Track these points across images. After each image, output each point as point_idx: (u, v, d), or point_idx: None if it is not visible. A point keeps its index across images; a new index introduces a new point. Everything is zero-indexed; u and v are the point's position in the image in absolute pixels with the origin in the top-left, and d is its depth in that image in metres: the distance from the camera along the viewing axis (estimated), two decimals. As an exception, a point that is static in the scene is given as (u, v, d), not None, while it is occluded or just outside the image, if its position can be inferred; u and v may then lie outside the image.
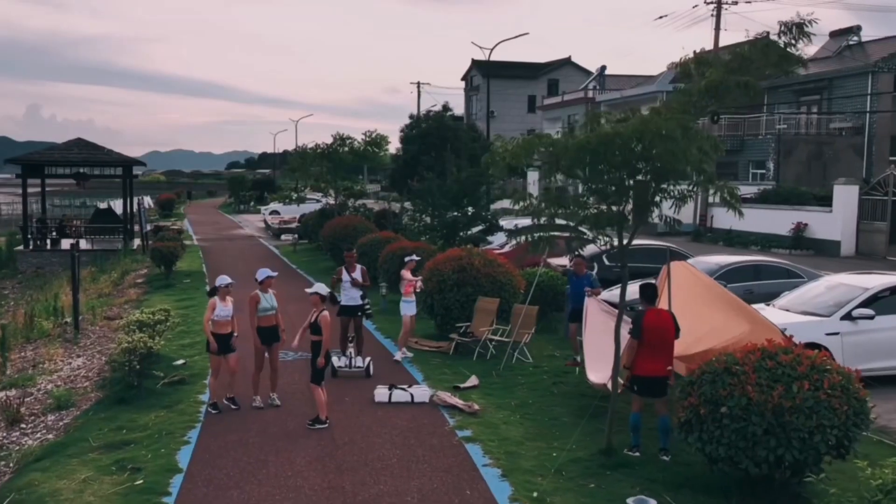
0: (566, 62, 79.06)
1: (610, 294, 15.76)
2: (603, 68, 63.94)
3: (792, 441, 7.29)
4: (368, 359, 13.10)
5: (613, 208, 8.86)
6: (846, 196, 30.66)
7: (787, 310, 13.03)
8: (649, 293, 9.39)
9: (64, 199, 62.97)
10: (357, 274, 13.57)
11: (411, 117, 36.19)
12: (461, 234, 21.12)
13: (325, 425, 10.37)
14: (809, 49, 9.30)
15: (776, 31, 8.72)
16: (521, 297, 15.39)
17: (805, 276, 16.69)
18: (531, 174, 55.02)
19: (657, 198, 8.84)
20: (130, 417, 11.02)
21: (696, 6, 41.46)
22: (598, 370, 10.91)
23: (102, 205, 47.07)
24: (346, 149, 31.96)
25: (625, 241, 9.16)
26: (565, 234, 11.02)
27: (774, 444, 7.30)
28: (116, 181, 36.83)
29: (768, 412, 7.34)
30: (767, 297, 14.24)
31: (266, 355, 11.51)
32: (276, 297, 11.70)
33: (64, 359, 16.06)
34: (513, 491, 8.39)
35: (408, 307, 14.20)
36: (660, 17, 61.48)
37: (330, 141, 32.51)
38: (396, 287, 19.24)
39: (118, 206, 39.33)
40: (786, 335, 9.61)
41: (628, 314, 10.14)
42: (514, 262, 16.55)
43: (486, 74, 51.59)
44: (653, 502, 7.60)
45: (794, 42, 8.58)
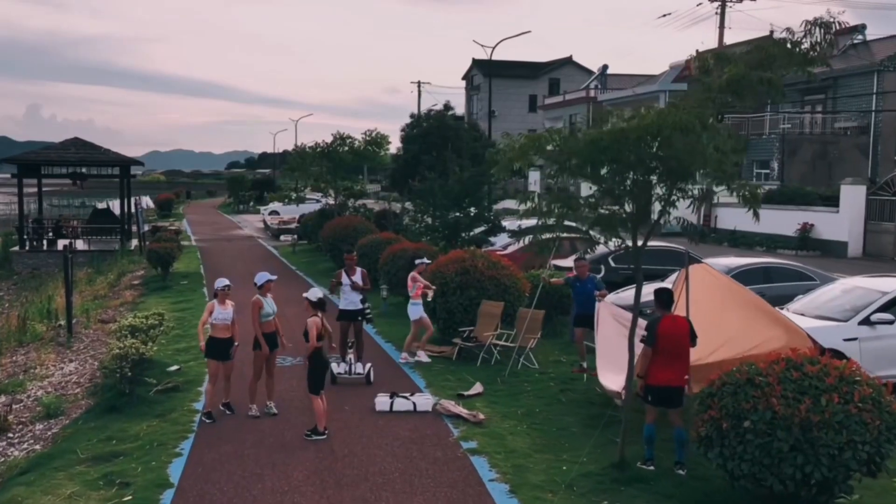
0: (567, 61, 78.65)
1: (616, 297, 15.35)
2: (605, 67, 63.49)
3: (820, 458, 6.84)
4: (369, 365, 12.63)
5: (626, 209, 8.43)
6: (853, 196, 30.24)
7: (802, 314, 12.58)
8: (665, 298, 8.92)
9: (63, 199, 62.62)
10: (357, 277, 13.11)
11: (412, 116, 35.77)
12: (463, 235, 20.68)
13: (324, 436, 9.94)
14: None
15: (802, 29, 8.27)
16: (526, 301, 14.96)
17: (817, 279, 16.26)
18: (532, 174, 54.60)
19: (673, 198, 8.41)
20: (121, 427, 10.59)
21: (701, 3, 41.00)
22: (613, 378, 10.47)
23: (101, 205, 46.67)
24: (346, 148, 31.53)
25: (639, 244, 8.72)
26: (573, 236, 10.58)
27: (802, 461, 6.85)
28: (116, 181, 36.40)
29: (795, 427, 6.89)
30: (779, 301, 13.76)
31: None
32: (274, 301, 11.31)
33: (56, 364, 15.63)
34: (522, 509, 7.96)
35: (417, 310, 13.82)
36: (663, 16, 61.14)
37: (330, 140, 32.13)
38: (398, 289, 18.83)
39: (117, 207, 38.91)
40: (816, 343, 9.18)
41: (644, 317, 9.69)
42: (523, 266, 16.13)
43: (487, 74, 51.20)
44: None
45: (821, 42, 8.13)
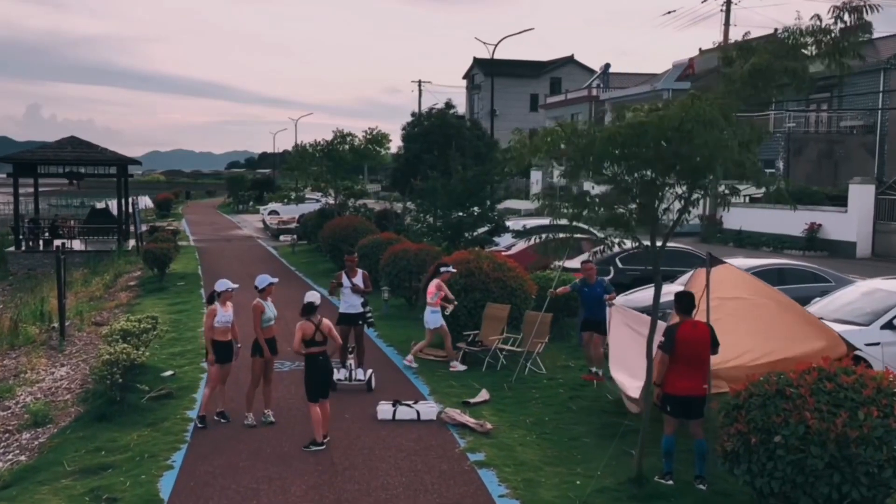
0: (569, 60, 78.08)
1: (626, 299, 14.87)
2: (607, 66, 62.89)
3: (859, 476, 6.34)
4: (370, 371, 12.12)
5: (643, 208, 7.94)
6: (862, 196, 29.77)
7: (821, 318, 12.07)
8: (686, 303, 8.41)
9: (62, 199, 62.11)
10: (358, 279, 12.58)
11: (413, 115, 35.22)
12: (466, 236, 20.18)
13: (322, 447, 9.46)
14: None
15: (831, 15, 7.77)
16: (533, 304, 14.46)
17: (833, 281, 15.78)
18: (534, 173, 54.00)
19: (693, 196, 7.93)
20: (110, 437, 10.10)
21: (706, 0, 40.48)
22: (629, 385, 9.98)
23: (100, 204, 46.18)
24: (347, 146, 31.02)
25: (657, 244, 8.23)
26: (584, 237, 10.09)
27: (838, 480, 6.36)
28: (115, 181, 35.92)
29: (831, 443, 6.39)
30: (794, 304, 13.31)
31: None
32: (273, 303, 10.84)
33: (47, 368, 15.15)
34: (534, 527, 7.49)
35: (437, 318, 13.22)
36: (668, 13, 60.48)
37: (330, 138, 31.64)
38: (399, 291, 18.34)
39: (115, 206, 38.43)
40: (849, 346, 8.72)
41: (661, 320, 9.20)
42: (530, 267, 15.65)
43: (488, 73, 50.64)
44: None
45: (854, 29, 7.63)
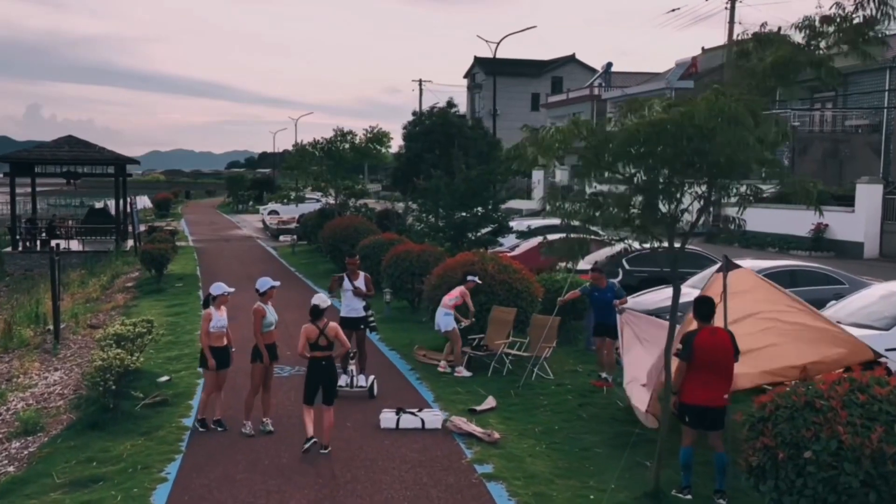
0: (570, 60, 77.68)
1: (634, 301, 14.51)
2: (609, 65, 62.46)
3: (896, 495, 5.96)
4: (372, 377, 11.71)
5: (663, 210, 7.55)
6: (869, 196, 29.37)
7: (837, 322, 11.69)
8: (705, 309, 8.01)
9: (61, 199, 61.71)
10: (360, 282, 12.12)
11: (415, 114, 34.78)
12: (469, 236, 19.77)
13: (313, 440, 9.29)
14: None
15: (852, 2, 7.39)
16: (540, 307, 14.06)
17: (846, 283, 15.39)
18: (535, 173, 53.53)
19: (714, 196, 7.55)
20: (103, 446, 9.71)
21: (709, -1, 40.05)
22: (643, 399, 9.59)
23: (99, 204, 45.79)
24: (347, 145, 30.59)
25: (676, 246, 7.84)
26: (593, 238, 9.72)
27: (875, 499, 5.95)
28: (114, 180, 35.52)
29: (865, 459, 5.98)
30: (807, 307, 12.90)
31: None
32: (274, 305, 10.48)
33: (40, 372, 14.74)
34: (546, 545, 7.09)
35: (449, 321, 12.88)
36: (671, 11, 60.12)
37: (330, 136, 31.22)
38: (401, 293, 17.95)
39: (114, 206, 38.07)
40: (876, 354, 8.33)
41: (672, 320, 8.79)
42: (546, 268, 15.32)
43: (489, 72, 50.18)
44: None
45: (876, 16, 7.25)
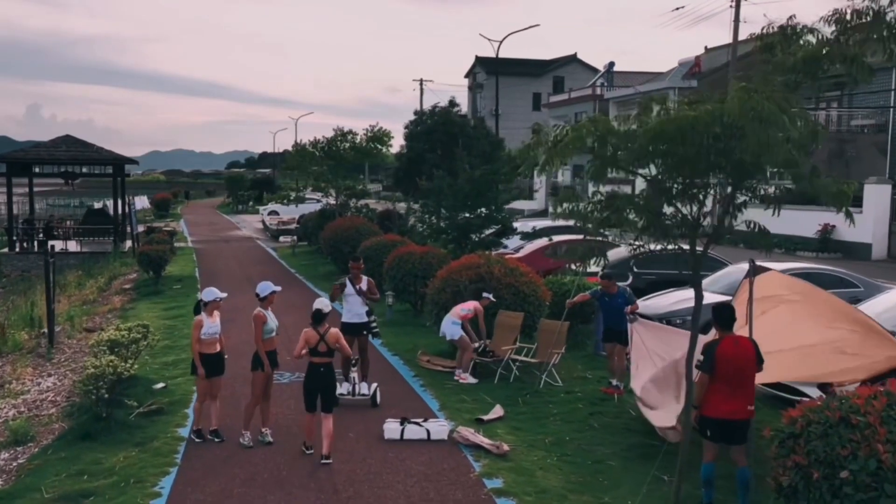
0: (572, 59, 77.23)
1: (644, 305, 14.13)
2: (611, 64, 62.00)
3: (941, 519, 5.55)
4: (375, 385, 11.29)
5: (685, 212, 7.15)
6: (878, 196, 28.98)
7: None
8: (726, 316, 7.61)
9: (60, 199, 61.30)
10: (364, 286, 11.73)
11: (416, 113, 34.36)
12: (473, 238, 19.36)
13: (308, 451, 9.23)
14: None
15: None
16: (547, 311, 13.66)
17: (861, 286, 14.97)
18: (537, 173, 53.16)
19: (739, 199, 7.14)
20: (95, 458, 9.31)
21: (713, -3, 39.70)
22: (656, 414, 9.20)
23: (98, 204, 45.40)
24: (348, 144, 30.18)
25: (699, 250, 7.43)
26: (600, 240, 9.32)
27: (918, 523, 5.57)
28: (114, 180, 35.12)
29: (907, 480, 5.60)
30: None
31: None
32: (274, 309, 10.09)
33: (33, 378, 14.33)
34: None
35: (457, 330, 12.49)
36: (676, 9, 59.74)
37: (330, 136, 30.80)
38: (404, 296, 17.53)
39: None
40: None
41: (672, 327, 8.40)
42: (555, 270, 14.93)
43: (491, 71, 49.74)
44: None
45: None
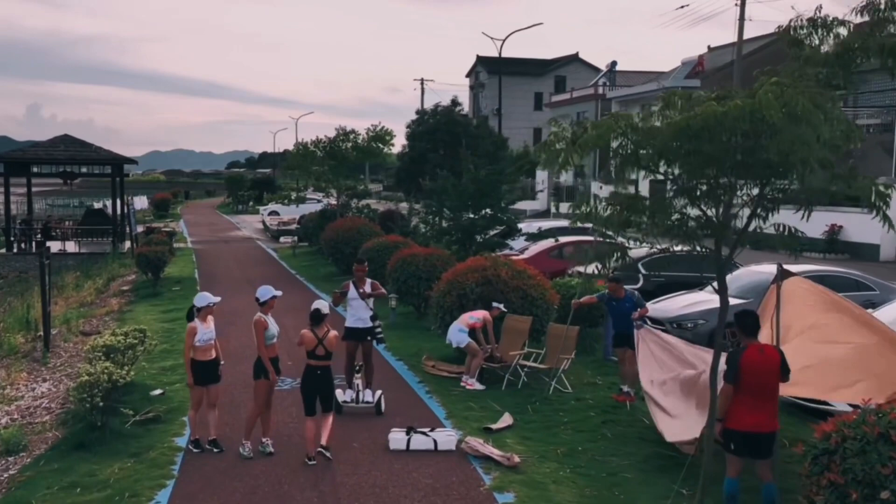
0: (574, 59, 76.93)
1: (653, 308, 13.80)
2: (613, 64, 61.70)
3: None
4: (379, 392, 10.90)
5: (710, 213, 6.79)
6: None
7: None
8: (749, 323, 7.24)
9: (59, 199, 60.93)
10: (368, 288, 11.35)
11: (418, 112, 34.01)
12: (477, 239, 18.99)
13: (311, 462, 8.94)
14: None
15: None
16: (555, 315, 13.30)
17: (877, 289, 14.65)
18: (539, 173, 52.69)
19: (766, 199, 6.79)
20: (89, 469, 8.94)
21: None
22: (670, 426, 8.84)
23: (97, 205, 45.04)
24: (350, 144, 29.83)
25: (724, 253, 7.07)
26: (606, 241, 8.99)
27: (965, 549, 5.21)
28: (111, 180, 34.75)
29: (954, 502, 5.25)
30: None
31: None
32: (274, 312, 9.72)
33: (28, 383, 13.95)
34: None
35: (464, 337, 12.17)
36: (680, 7, 59.34)
37: (332, 135, 30.45)
38: (407, 299, 17.17)
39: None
40: None
41: (682, 331, 8.03)
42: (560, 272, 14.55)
43: (493, 71, 49.38)
44: None
45: None
